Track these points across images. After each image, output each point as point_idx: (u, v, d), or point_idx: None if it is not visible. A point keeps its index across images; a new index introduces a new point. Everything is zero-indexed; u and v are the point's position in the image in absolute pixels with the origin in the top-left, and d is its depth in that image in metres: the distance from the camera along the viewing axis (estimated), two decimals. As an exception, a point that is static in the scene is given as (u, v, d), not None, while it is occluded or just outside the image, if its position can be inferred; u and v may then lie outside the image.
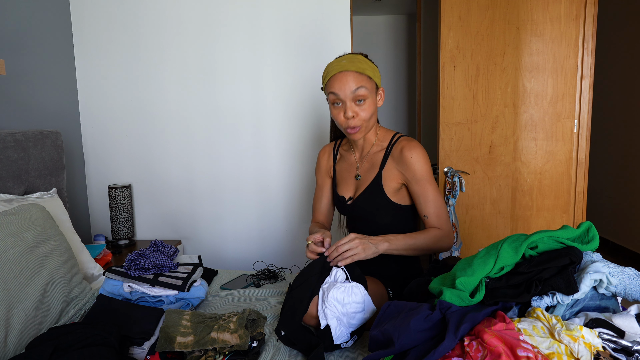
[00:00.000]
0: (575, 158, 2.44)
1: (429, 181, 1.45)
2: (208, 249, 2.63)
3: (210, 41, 2.46)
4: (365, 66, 1.41)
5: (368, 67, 1.42)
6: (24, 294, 1.24)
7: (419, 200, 1.46)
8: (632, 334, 0.87)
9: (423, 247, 1.42)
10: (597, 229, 3.88)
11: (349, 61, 1.40)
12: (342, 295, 1.20)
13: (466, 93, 2.43)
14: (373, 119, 1.47)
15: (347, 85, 1.38)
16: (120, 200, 2.42)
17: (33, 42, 2.16)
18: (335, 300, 1.19)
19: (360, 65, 1.40)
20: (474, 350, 0.85)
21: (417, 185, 1.45)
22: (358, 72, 1.39)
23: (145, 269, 1.51)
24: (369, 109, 1.42)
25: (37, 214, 1.47)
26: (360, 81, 1.39)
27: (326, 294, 1.20)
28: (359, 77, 1.39)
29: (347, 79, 1.38)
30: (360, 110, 1.41)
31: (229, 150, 2.54)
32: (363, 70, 1.40)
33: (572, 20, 2.36)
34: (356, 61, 1.41)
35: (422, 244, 1.41)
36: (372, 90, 1.43)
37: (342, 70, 1.39)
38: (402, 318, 0.99)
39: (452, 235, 1.47)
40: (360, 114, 1.41)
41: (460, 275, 1.03)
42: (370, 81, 1.42)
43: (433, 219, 1.45)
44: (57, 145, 2.01)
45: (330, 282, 1.25)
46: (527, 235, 1.06)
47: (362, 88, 1.38)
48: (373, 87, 1.44)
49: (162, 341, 1.16)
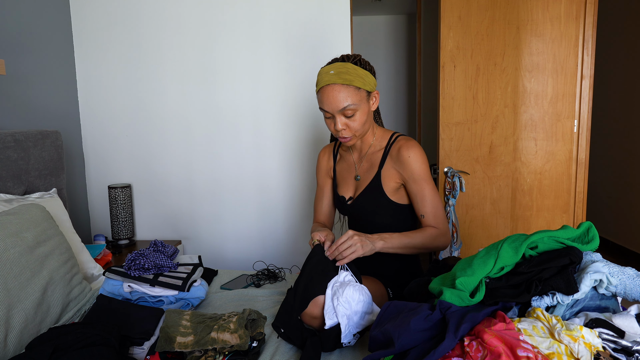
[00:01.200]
0: (575, 158, 2.44)
1: (427, 180, 1.45)
2: (208, 249, 2.63)
3: (211, 41, 2.46)
4: (352, 77, 1.36)
5: (356, 77, 1.37)
6: (24, 294, 1.24)
7: (416, 199, 1.46)
8: (632, 334, 0.87)
9: (419, 245, 1.41)
10: (597, 229, 3.87)
11: (336, 72, 1.37)
12: (357, 294, 1.21)
13: (466, 93, 2.43)
14: (366, 125, 1.45)
15: (333, 103, 1.37)
16: (120, 200, 2.42)
17: (33, 42, 2.16)
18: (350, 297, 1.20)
19: (347, 77, 1.36)
20: (474, 350, 0.85)
21: (414, 185, 1.45)
22: (345, 84, 1.36)
23: (145, 269, 1.51)
24: (359, 120, 1.41)
25: (37, 214, 1.47)
26: (346, 97, 1.36)
27: (340, 291, 1.20)
28: (346, 92, 1.36)
29: (334, 95, 1.36)
30: (350, 122, 1.40)
31: (229, 150, 2.54)
32: (350, 82, 1.36)
33: (572, 20, 2.36)
34: (343, 72, 1.37)
35: (418, 242, 1.41)
36: (361, 100, 1.39)
37: (330, 84, 1.37)
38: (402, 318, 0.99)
39: (448, 234, 1.47)
40: (350, 125, 1.41)
41: (460, 275, 1.03)
42: (359, 92, 1.38)
43: (430, 218, 1.45)
44: (57, 145, 2.01)
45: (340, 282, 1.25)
46: (527, 235, 1.06)
47: (349, 105, 1.36)
48: (363, 96, 1.40)
49: (162, 341, 1.16)
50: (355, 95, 1.37)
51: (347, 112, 1.38)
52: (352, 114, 1.39)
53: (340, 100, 1.36)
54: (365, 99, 1.41)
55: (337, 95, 1.36)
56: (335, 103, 1.37)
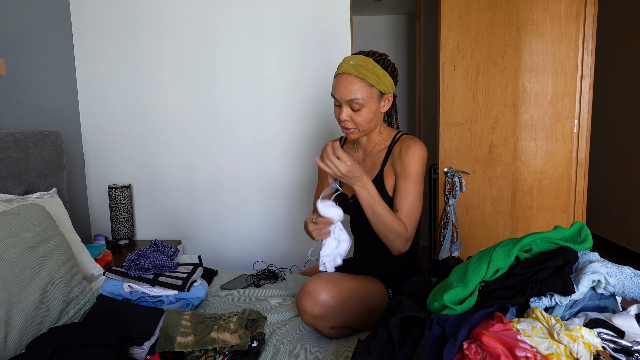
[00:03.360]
0: (575, 158, 2.44)
1: (415, 181, 1.43)
2: (208, 249, 2.62)
3: (210, 41, 2.46)
4: (368, 72, 1.38)
5: (372, 74, 1.38)
6: (24, 294, 1.24)
7: (398, 194, 1.43)
8: (632, 334, 0.87)
9: (382, 220, 1.36)
10: (597, 229, 3.89)
11: (355, 64, 1.39)
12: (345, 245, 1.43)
13: (466, 93, 2.43)
14: (372, 123, 1.46)
15: (343, 92, 1.39)
16: (120, 200, 2.42)
17: (33, 42, 2.16)
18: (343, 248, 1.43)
19: (363, 71, 1.37)
20: (473, 352, 0.85)
21: (402, 181, 1.43)
22: (359, 77, 1.38)
23: (145, 269, 1.51)
24: (364, 116, 1.41)
25: (37, 214, 1.47)
26: (357, 90, 1.38)
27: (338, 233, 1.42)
28: (358, 85, 1.38)
29: (346, 85, 1.39)
30: (355, 116, 1.42)
31: (229, 150, 2.54)
32: (365, 76, 1.38)
33: (572, 20, 2.35)
34: (362, 65, 1.38)
35: (384, 216, 1.36)
36: (371, 98, 1.40)
37: (345, 72, 1.40)
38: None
39: (409, 242, 1.42)
40: (355, 119, 1.42)
41: (456, 285, 1.02)
42: (371, 89, 1.39)
43: (402, 216, 1.41)
44: (57, 145, 2.01)
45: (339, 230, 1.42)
46: (519, 239, 1.06)
47: (357, 99, 1.38)
48: (374, 94, 1.41)
49: (162, 341, 1.16)
50: (366, 90, 1.39)
51: (354, 104, 1.39)
52: (358, 108, 1.40)
53: (350, 91, 1.38)
54: (376, 97, 1.42)
55: (348, 86, 1.38)
56: (344, 92, 1.39)
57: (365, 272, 1.56)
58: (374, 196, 1.36)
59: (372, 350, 0.90)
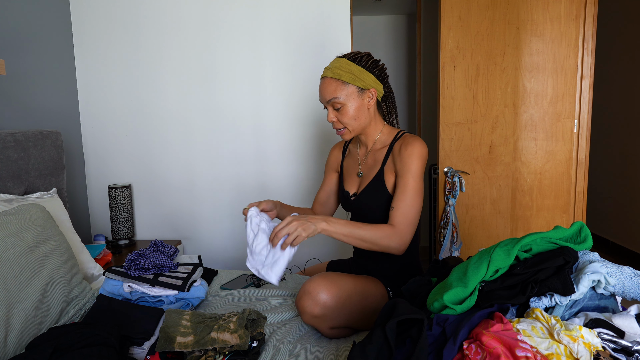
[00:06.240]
0: (575, 158, 2.44)
1: (415, 178, 1.42)
2: (208, 249, 2.62)
3: (210, 41, 2.46)
4: (342, 72, 1.43)
5: (346, 72, 1.42)
6: (24, 294, 1.24)
7: (396, 190, 1.42)
8: (632, 334, 0.87)
9: (367, 239, 1.33)
10: (597, 229, 3.89)
11: (330, 66, 1.47)
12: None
13: (466, 93, 2.43)
14: (359, 120, 1.48)
15: (323, 94, 1.47)
16: (120, 200, 2.42)
17: (33, 42, 2.16)
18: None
19: (336, 72, 1.43)
20: (473, 352, 0.85)
21: (401, 178, 1.43)
22: (334, 78, 1.44)
23: (145, 269, 1.51)
24: (349, 114, 1.45)
25: (37, 214, 1.47)
26: (334, 90, 1.44)
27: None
28: (334, 85, 1.44)
29: (323, 87, 1.46)
30: (339, 115, 1.47)
31: (229, 150, 2.54)
32: (339, 76, 1.43)
33: (572, 20, 2.35)
34: (336, 67, 1.45)
35: (366, 235, 1.33)
36: (349, 95, 1.44)
37: (323, 76, 1.48)
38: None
39: (404, 239, 1.38)
40: (340, 118, 1.47)
41: (456, 285, 1.02)
42: (347, 86, 1.43)
43: (397, 213, 1.39)
44: (57, 145, 2.01)
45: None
46: (519, 239, 1.06)
47: (336, 98, 1.44)
48: (352, 91, 1.44)
49: (162, 341, 1.16)
50: (342, 89, 1.43)
51: (335, 104, 1.45)
52: (339, 107, 1.45)
53: (328, 91, 1.45)
54: (355, 94, 1.45)
55: (326, 88, 1.45)
56: (323, 94, 1.47)
57: (365, 272, 1.56)
58: (344, 224, 1.31)
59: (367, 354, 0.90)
